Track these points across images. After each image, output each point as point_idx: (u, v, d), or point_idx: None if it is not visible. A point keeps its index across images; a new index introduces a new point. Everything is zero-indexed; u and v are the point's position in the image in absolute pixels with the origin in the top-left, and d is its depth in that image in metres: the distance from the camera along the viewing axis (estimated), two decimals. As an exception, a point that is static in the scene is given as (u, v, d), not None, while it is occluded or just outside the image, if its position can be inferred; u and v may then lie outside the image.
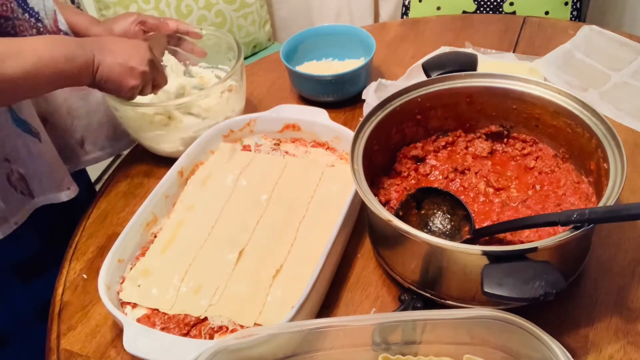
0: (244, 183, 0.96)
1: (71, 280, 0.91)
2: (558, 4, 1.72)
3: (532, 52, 1.26)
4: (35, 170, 0.93)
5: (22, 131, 0.90)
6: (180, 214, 0.93)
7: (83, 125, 1.06)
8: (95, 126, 1.08)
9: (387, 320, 0.68)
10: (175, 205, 0.94)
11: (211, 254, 0.86)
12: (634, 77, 1.16)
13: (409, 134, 0.93)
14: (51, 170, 0.95)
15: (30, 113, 0.91)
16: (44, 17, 0.92)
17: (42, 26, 0.92)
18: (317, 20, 2.24)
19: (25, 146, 0.91)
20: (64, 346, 0.82)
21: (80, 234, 0.98)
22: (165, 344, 0.71)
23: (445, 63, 0.93)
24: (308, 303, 0.73)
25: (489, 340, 0.67)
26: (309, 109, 1.04)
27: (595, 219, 0.65)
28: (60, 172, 0.98)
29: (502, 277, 0.64)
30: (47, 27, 0.93)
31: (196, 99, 1.02)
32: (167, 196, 0.94)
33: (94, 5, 1.75)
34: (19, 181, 0.92)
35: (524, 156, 0.92)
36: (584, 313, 0.78)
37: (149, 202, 0.90)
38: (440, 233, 0.82)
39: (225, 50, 1.15)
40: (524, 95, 0.87)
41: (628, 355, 0.73)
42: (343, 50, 1.24)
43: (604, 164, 0.76)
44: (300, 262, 0.83)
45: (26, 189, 0.93)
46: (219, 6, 1.84)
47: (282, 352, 0.69)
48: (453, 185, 0.90)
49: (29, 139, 0.91)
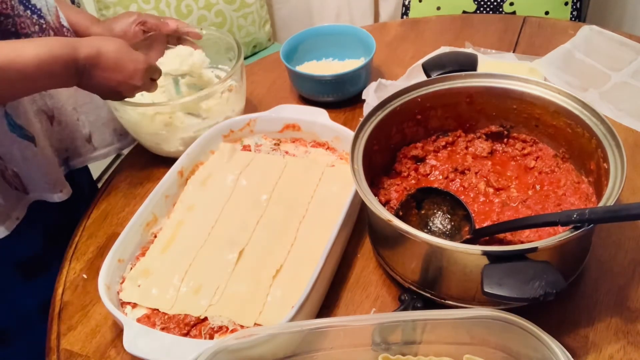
0: (244, 183, 0.96)
1: (71, 280, 0.91)
2: (558, 4, 1.72)
3: (532, 52, 1.26)
4: (28, 172, 0.93)
5: (17, 136, 0.90)
6: (180, 214, 0.93)
7: (90, 121, 1.06)
8: (103, 121, 1.08)
9: (387, 320, 0.68)
10: (175, 205, 0.94)
11: (211, 254, 0.86)
12: (634, 77, 1.16)
13: (409, 134, 0.93)
14: (45, 172, 0.95)
15: (26, 118, 0.91)
16: (46, 14, 0.93)
17: (45, 22, 0.92)
18: (317, 20, 2.24)
19: (20, 151, 0.91)
20: (64, 346, 0.82)
21: (80, 234, 0.98)
22: (165, 344, 0.71)
23: (445, 63, 0.93)
24: (308, 303, 0.73)
25: (489, 340, 0.67)
26: (309, 109, 1.04)
27: (595, 219, 0.65)
28: (54, 174, 0.98)
29: (502, 277, 0.64)
30: (49, 24, 0.93)
31: (196, 99, 1.02)
32: (167, 196, 0.94)
33: (94, 5, 1.75)
34: (13, 178, 0.92)
35: (524, 156, 0.92)
36: (584, 313, 0.78)
37: (149, 202, 0.90)
38: (440, 233, 0.82)
39: (225, 50, 1.15)
40: (524, 95, 0.87)
41: (628, 355, 0.73)
42: (343, 50, 1.24)
43: (604, 164, 0.76)
44: (300, 262, 0.83)
45: (20, 185, 0.94)
46: (219, 6, 1.84)
47: (282, 352, 0.69)
48: (453, 185, 0.90)
49: (24, 144, 0.91)
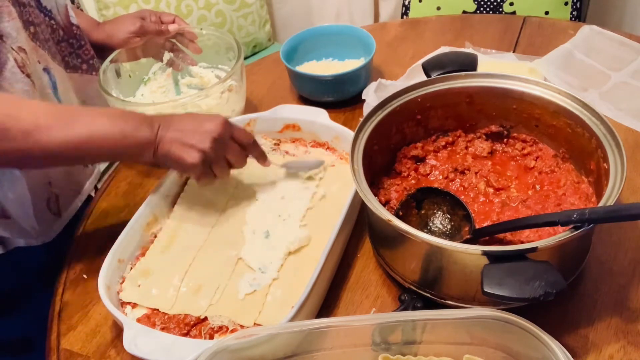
0: (244, 183, 0.96)
1: (71, 280, 0.91)
2: (558, 4, 1.72)
3: (532, 52, 1.26)
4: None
5: None
6: (180, 214, 0.93)
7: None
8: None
9: (387, 320, 0.68)
10: (175, 205, 0.94)
11: (211, 254, 0.86)
12: (634, 77, 1.16)
13: (409, 134, 0.93)
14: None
15: None
16: (56, 14, 0.94)
17: (55, 23, 0.93)
18: (317, 20, 2.24)
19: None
20: (64, 346, 0.82)
21: (80, 234, 0.98)
22: (165, 344, 0.71)
23: (445, 63, 0.93)
24: (308, 303, 0.73)
25: (489, 340, 0.67)
26: (309, 109, 1.04)
27: (595, 219, 0.65)
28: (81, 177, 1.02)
29: (502, 277, 0.64)
30: (59, 23, 0.95)
31: (196, 99, 1.02)
32: (167, 196, 0.94)
33: (94, 5, 1.75)
34: (54, 202, 0.95)
35: (524, 156, 0.92)
36: (584, 313, 0.78)
37: (148, 202, 0.90)
38: (440, 233, 0.82)
39: (225, 50, 1.15)
40: (524, 95, 0.87)
41: (628, 355, 0.73)
42: (343, 50, 1.24)
43: (604, 164, 0.76)
44: (300, 262, 0.83)
45: (56, 208, 0.96)
46: (219, 6, 1.84)
47: (282, 352, 0.69)
48: (453, 185, 0.90)
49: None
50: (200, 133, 0.81)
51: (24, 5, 0.85)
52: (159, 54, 1.14)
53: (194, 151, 0.81)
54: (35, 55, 0.87)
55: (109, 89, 1.04)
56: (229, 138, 0.84)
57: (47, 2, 0.91)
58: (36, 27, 0.87)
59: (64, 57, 0.98)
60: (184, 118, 0.84)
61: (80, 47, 1.00)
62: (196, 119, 0.84)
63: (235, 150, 0.86)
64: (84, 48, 1.01)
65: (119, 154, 0.83)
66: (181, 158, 0.81)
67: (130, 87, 1.15)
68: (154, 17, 1.09)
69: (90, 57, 1.03)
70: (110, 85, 1.07)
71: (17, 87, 0.82)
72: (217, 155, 0.83)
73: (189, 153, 0.81)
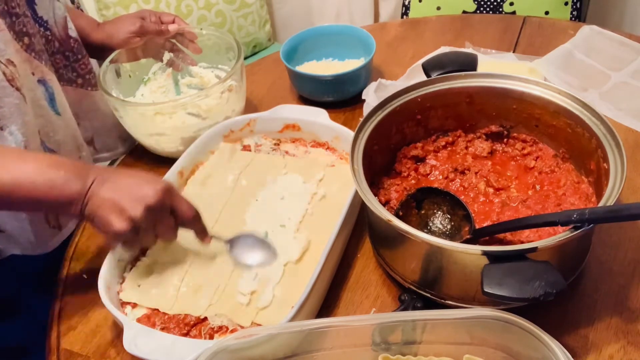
0: (244, 183, 0.96)
1: (71, 281, 0.91)
2: (558, 4, 1.72)
3: (532, 52, 1.26)
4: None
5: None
6: (180, 214, 0.93)
7: (94, 127, 1.07)
8: (107, 128, 1.09)
9: (387, 320, 0.68)
10: (175, 205, 0.94)
11: (211, 254, 0.86)
12: (634, 77, 1.16)
13: (409, 134, 0.93)
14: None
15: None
16: (52, 25, 0.92)
17: (51, 34, 0.92)
18: (317, 20, 2.23)
19: None
20: (64, 346, 0.82)
21: (80, 234, 0.98)
22: (165, 344, 0.71)
23: (445, 63, 0.93)
24: (308, 303, 0.73)
25: (489, 340, 0.67)
26: (309, 109, 1.04)
27: (595, 219, 0.65)
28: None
29: (502, 277, 0.64)
30: (55, 35, 0.93)
31: (196, 99, 1.02)
32: (167, 196, 0.94)
33: (94, 5, 1.75)
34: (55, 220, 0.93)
35: (524, 156, 0.92)
36: (584, 313, 0.78)
37: (149, 202, 0.90)
38: (440, 233, 0.82)
39: (225, 50, 1.15)
40: (524, 95, 0.87)
41: (628, 355, 0.73)
42: (343, 50, 1.24)
43: (604, 164, 0.76)
44: (300, 262, 0.83)
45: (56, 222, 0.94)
46: (219, 6, 1.84)
47: (282, 352, 0.69)
48: (453, 185, 0.90)
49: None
50: (135, 198, 0.73)
51: (17, 16, 0.83)
52: (159, 54, 1.14)
53: (123, 218, 0.73)
54: (29, 66, 0.86)
55: (109, 89, 1.04)
56: (167, 208, 0.76)
57: (44, 13, 0.90)
58: (31, 37, 0.86)
59: (58, 69, 0.96)
60: (122, 176, 0.77)
61: (76, 61, 0.99)
62: (136, 180, 0.76)
63: (167, 225, 0.78)
64: (80, 62, 1.00)
65: (45, 205, 0.77)
66: (108, 223, 0.73)
67: (130, 87, 1.15)
68: (154, 17, 1.08)
69: (87, 71, 1.01)
70: (110, 85, 1.07)
71: (7, 100, 0.80)
72: (147, 226, 0.75)
73: (117, 219, 0.73)
